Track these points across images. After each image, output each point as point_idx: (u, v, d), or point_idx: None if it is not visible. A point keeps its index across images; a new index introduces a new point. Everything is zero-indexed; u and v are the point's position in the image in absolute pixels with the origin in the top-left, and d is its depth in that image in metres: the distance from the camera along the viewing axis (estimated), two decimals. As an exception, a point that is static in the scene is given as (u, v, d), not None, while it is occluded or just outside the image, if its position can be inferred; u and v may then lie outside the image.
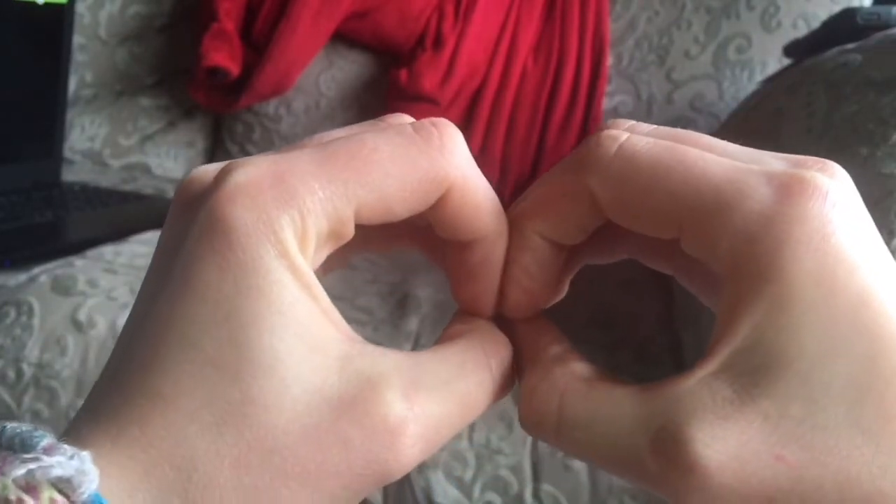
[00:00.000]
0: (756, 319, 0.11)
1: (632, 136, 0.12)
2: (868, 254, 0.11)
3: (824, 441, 0.10)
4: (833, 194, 0.11)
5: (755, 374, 0.11)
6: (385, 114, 0.14)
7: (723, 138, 0.12)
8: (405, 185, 0.12)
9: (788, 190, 0.11)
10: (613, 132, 0.12)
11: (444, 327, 0.15)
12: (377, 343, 0.48)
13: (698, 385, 0.11)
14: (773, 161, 0.12)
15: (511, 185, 0.79)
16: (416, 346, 0.46)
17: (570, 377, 0.12)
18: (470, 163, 0.13)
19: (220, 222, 0.11)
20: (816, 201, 0.11)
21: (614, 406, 0.11)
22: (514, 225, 0.13)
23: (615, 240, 0.15)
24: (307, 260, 0.11)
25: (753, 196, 0.11)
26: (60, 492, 0.09)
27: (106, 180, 0.79)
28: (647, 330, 0.49)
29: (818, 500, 0.10)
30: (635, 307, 0.53)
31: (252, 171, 0.11)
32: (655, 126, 0.13)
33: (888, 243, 0.36)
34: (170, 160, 0.89)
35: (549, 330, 0.14)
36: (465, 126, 0.78)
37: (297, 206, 0.11)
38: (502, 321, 0.14)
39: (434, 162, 0.12)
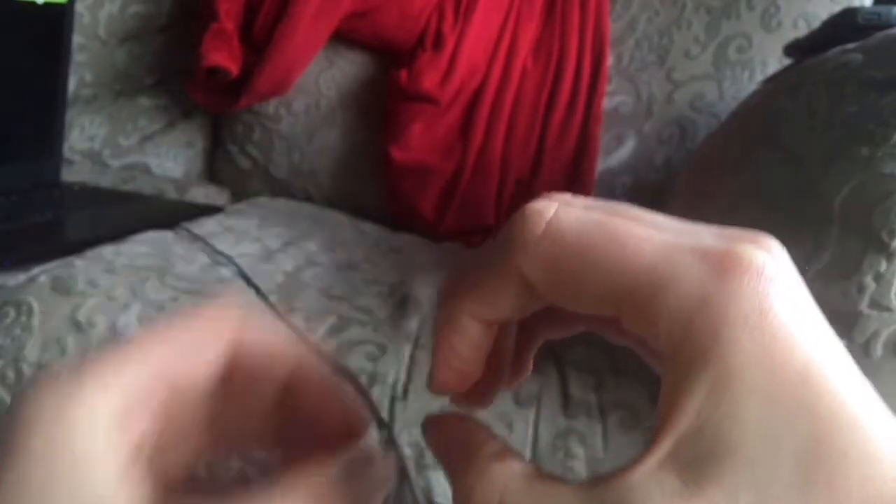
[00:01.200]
0: (697, 404, 0.11)
1: (559, 209, 0.12)
2: (807, 328, 0.11)
3: None
4: (768, 269, 0.11)
5: (702, 463, 0.10)
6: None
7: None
8: None
9: (722, 267, 0.11)
10: (541, 205, 0.12)
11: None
12: (378, 343, 0.48)
13: (645, 479, 0.11)
14: (707, 235, 0.12)
15: (511, 185, 0.78)
16: (416, 346, 0.46)
17: (510, 475, 0.12)
18: None
19: None
20: (751, 278, 0.11)
21: (558, 499, 0.11)
22: (446, 303, 0.13)
23: (567, 316, 0.14)
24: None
25: (687, 275, 0.11)
26: None
27: (105, 180, 0.79)
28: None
29: None
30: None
31: None
32: (586, 199, 0.12)
33: (888, 244, 0.36)
34: (169, 160, 0.89)
35: (482, 428, 0.14)
36: (465, 126, 0.78)
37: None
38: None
39: None
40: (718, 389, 0.11)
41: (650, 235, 0.11)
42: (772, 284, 0.11)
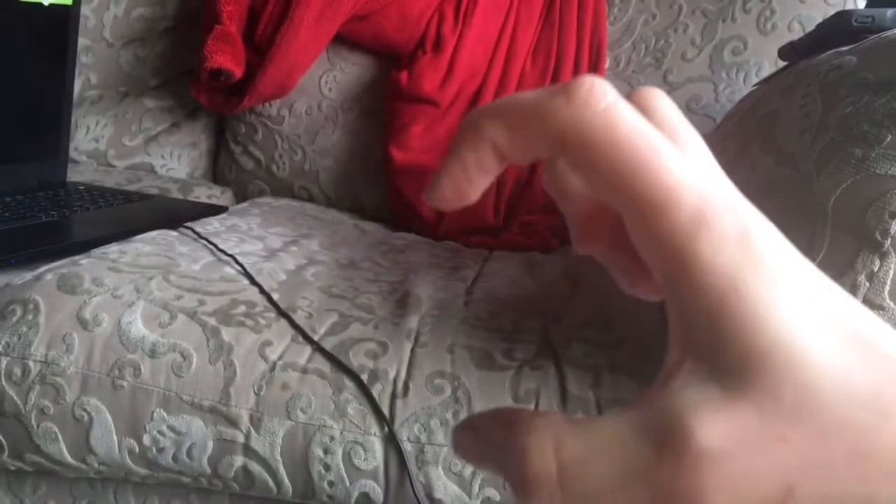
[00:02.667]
0: (710, 317, 0.11)
1: (621, 101, 0.12)
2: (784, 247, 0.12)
3: (824, 419, 0.10)
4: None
5: (739, 369, 0.11)
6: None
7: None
8: None
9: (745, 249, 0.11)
10: (607, 87, 0.12)
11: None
12: (379, 341, 0.49)
13: (686, 390, 0.11)
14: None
15: (510, 185, 0.79)
16: (416, 343, 0.47)
17: (557, 422, 0.12)
18: None
19: None
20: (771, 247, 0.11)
21: (610, 431, 0.11)
22: (474, 122, 0.13)
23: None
24: None
25: (710, 197, 0.11)
26: None
27: (110, 180, 0.80)
28: (647, 330, 0.49)
29: (833, 477, 0.10)
30: (634, 307, 0.54)
31: None
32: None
33: (882, 244, 0.36)
34: (173, 161, 0.89)
35: (510, 408, 0.14)
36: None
37: None
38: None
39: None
40: (732, 301, 0.11)
41: (689, 171, 0.12)
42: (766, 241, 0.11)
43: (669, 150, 0.12)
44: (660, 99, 0.13)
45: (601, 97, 0.12)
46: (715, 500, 0.10)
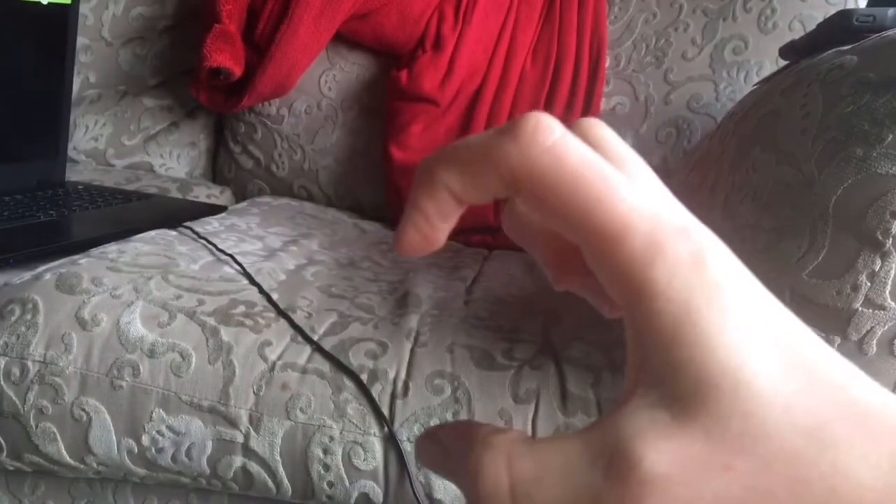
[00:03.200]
0: (664, 344, 0.11)
1: (568, 135, 0.12)
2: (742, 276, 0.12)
3: (767, 448, 0.10)
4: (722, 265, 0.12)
5: (686, 399, 0.11)
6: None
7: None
8: None
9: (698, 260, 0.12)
10: (552, 122, 0.12)
11: None
12: (379, 341, 0.48)
13: (636, 415, 0.11)
14: (675, 214, 0.12)
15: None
16: (416, 343, 0.47)
17: (512, 439, 0.12)
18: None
19: None
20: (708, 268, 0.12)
21: (562, 453, 0.11)
22: (427, 170, 0.13)
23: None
24: None
25: (674, 253, 0.12)
26: None
27: (110, 180, 0.80)
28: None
29: None
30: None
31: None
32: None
33: (883, 243, 0.36)
34: (172, 160, 0.89)
35: (474, 422, 0.14)
36: (465, 127, 0.79)
37: None
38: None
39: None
40: (687, 326, 0.11)
41: (641, 200, 0.12)
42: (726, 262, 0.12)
43: (619, 180, 0.12)
44: (602, 129, 0.14)
45: (547, 134, 0.12)
46: None
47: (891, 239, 0.36)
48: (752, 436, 0.10)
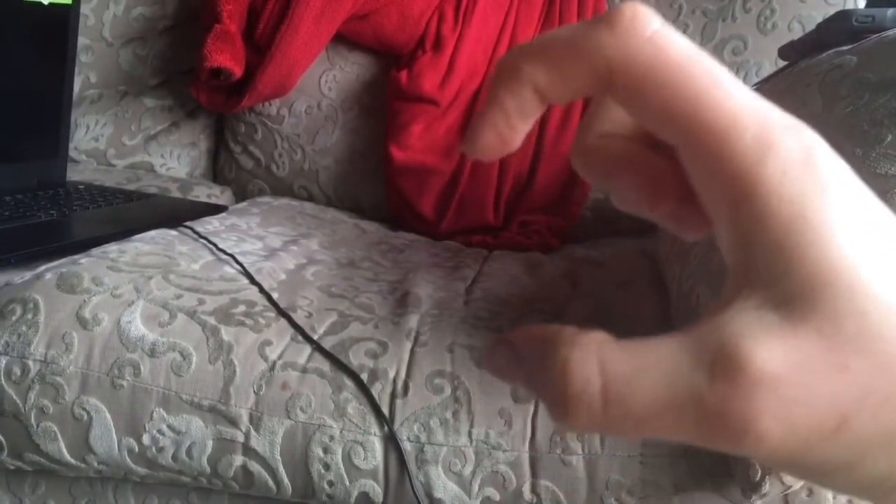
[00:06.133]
0: (776, 243, 0.11)
1: (666, 26, 0.11)
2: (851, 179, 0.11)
3: (885, 350, 0.10)
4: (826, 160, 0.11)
5: (798, 298, 0.10)
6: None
7: None
8: None
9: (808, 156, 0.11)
10: (650, 12, 0.11)
11: None
12: (379, 341, 0.49)
13: (742, 316, 0.11)
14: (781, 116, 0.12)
15: (510, 184, 0.79)
16: (416, 343, 0.47)
17: (601, 339, 0.11)
18: None
19: None
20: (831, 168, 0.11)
21: (658, 354, 0.11)
22: (511, 65, 0.12)
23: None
24: None
25: (785, 145, 0.11)
26: None
27: (110, 179, 0.80)
28: (646, 330, 0.49)
29: (891, 408, 0.10)
30: (634, 307, 0.54)
31: None
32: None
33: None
34: (173, 160, 0.89)
35: (550, 325, 0.13)
36: (465, 127, 0.79)
37: None
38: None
39: None
40: (798, 226, 0.10)
41: (747, 96, 0.11)
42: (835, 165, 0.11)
43: (725, 74, 0.11)
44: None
45: (647, 23, 0.11)
46: (766, 424, 0.10)
47: (889, 239, 0.36)
48: (869, 336, 0.10)
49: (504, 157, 0.13)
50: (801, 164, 0.11)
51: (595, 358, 0.11)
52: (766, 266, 0.11)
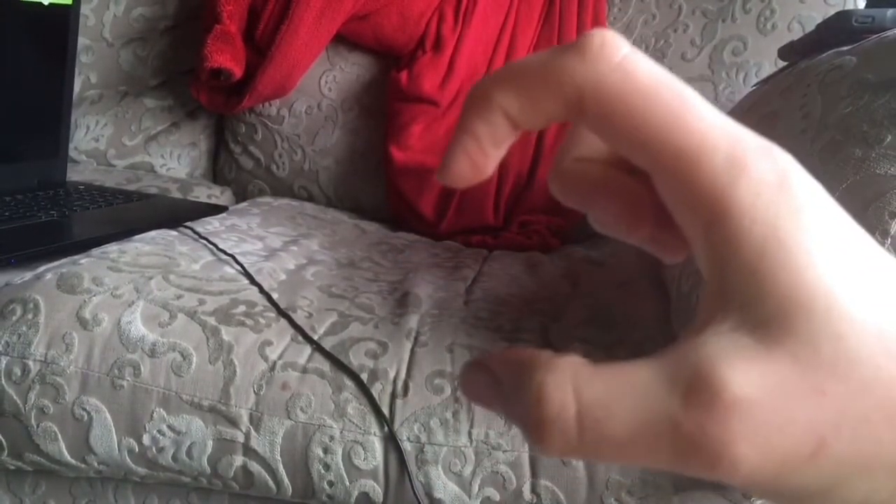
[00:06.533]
0: (750, 266, 0.10)
1: (637, 53, 0.12)
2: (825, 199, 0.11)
3: (861, 373, 0.10)
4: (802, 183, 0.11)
5: (773, 321, 0.10)
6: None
7: None
8: None
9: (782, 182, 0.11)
10: (618, 38, 0.11)
11: None
12: (379, 341, 0.48)
13: (716, 340, 0.10)
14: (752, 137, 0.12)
15: (509, 185, 0.79)
16: (416, 343, 0.47)
17: (577, 363, 0.11)
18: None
19: None
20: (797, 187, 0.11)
21: (634, 378, 0.11)
22: (482, 93, 0.12)
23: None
24: None
25: (758, 168, 0.11)
26: None
27: (110, 180, 0.80)
28: (645, 330, 0.49)
29: (867, 433, 0.10)
30: (634, 307, 0.54)
31: None
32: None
33: (882, 245, 0.36)
34: (173, 160, 0.89)
35: (528, 349, 0.13)
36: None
37: None
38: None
39: None
40: (773, 246, 0.10)
41: (717, 118, 0.11)
42: (808, 187, 0.11)
43: (694, 97, 0.11)
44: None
45: (616, 49, 0.11)
46: (742, 449, 0.10)
47: (889, 239, 0.36)
48: (846, 360, 0.10)
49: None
50: (774, 185, 0.11)
51: (570, 383, 0.11)
52: (739, 289, 0.11)
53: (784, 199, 0.11)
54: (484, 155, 0.12)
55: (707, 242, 0.11)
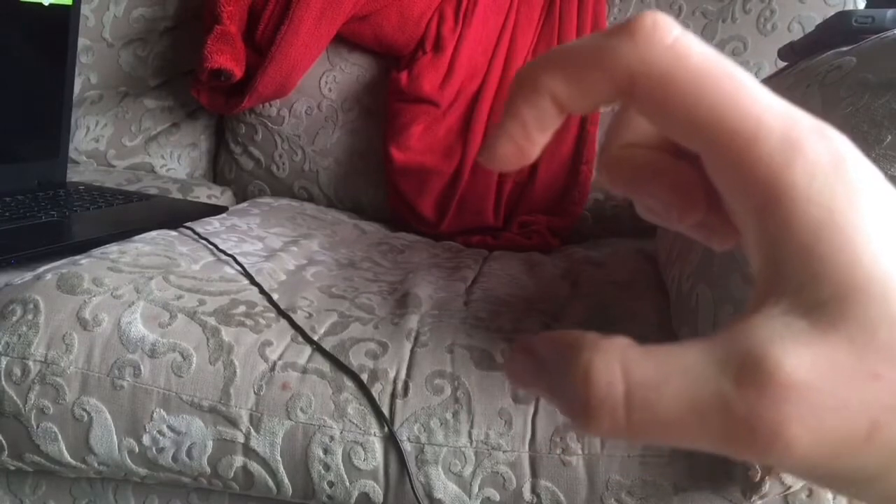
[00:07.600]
0: (805, 248, 0.10)
1: (688, 34, 0.11)
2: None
3: None
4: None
5: (828, 304, 0.10)
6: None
7: None
8: None
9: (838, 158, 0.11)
10: (669, 20, 0.11)
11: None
12: (379, 341, 0.49)
13: (770, 322, 0.10)
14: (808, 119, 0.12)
15: (509, 185, 0.79)
16: (416, 343, 0.47)
17: (624, 343, 0.11)
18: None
19: None
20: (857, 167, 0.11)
21: (683, 359, 0.10)
22: (530, 76, 0.12)
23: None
24: None
25: (814, 150, 0.11)
26: None
27: (110, 180, 0.80)
28: (645, 330, 0.49)
29: None
30: (634, 307, 0.54)
31: None
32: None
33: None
34: (173, 161, 0.89)
35: (572, 330, 0.13)
36: (465, 128, 0.79)
37: None
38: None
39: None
40: (828, 231, 0.10)
41: (771, 99, 0.11)
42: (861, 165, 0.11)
43: (748, 78, 0.11)
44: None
45: (667, 31, 0.11)
46: (795, 432, 0.10)
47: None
48: None
49: None
50: (830, 167, 0.11)
51: (618, 363, 0.11)
52: (794, 271, 0.11)
53: (840, 180, 0.11)
54: (530, 141, 0.12)
55: (761, 225, 0.11)
